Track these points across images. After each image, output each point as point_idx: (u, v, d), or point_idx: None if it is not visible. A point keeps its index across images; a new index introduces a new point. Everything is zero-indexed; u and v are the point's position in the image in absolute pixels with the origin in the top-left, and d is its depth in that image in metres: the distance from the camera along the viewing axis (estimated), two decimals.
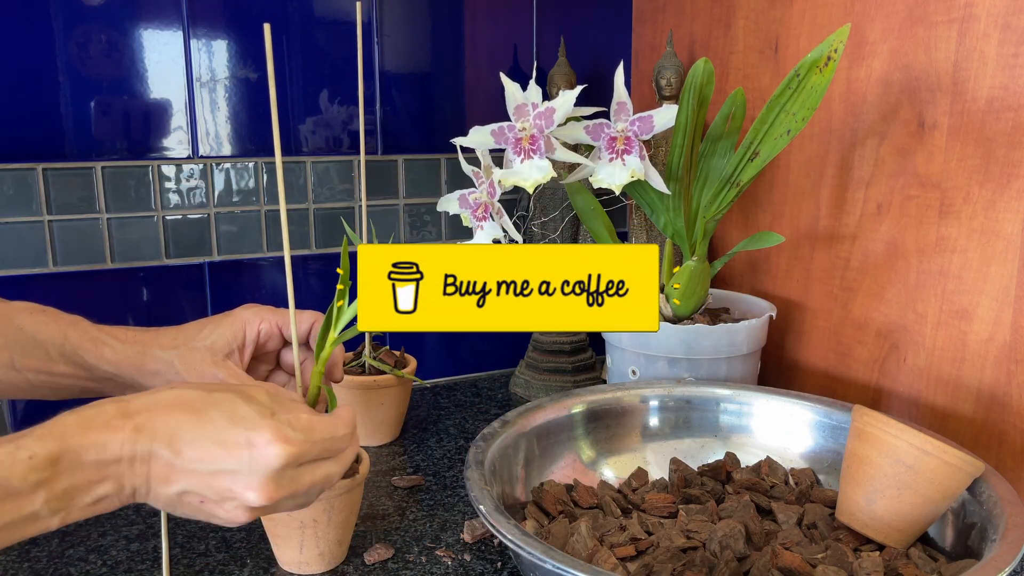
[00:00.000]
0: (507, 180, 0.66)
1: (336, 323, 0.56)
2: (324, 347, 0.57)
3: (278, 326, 0.62)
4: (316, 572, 0.61)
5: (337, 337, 0.57)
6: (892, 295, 0.77)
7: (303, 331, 0.61)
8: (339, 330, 0.57)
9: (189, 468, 0.45)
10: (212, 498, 0.45)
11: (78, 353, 0.58)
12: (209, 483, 0.45)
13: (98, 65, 0.84)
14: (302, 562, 0.60)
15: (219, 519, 0.47)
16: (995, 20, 0.65)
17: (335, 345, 0.57)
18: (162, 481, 0.45)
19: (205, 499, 0.45)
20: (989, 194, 0.67)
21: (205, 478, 0.45)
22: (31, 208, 0.83)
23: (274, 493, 0.46)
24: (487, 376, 1.07)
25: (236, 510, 0.46)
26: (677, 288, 0.77)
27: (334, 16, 0.92)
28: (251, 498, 0.45)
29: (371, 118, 0.96)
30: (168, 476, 0.44)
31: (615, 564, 0.53)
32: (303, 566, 0.60)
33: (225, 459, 0.45)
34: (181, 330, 0.60)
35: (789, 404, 0.71)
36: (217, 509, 0.46)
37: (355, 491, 0.60)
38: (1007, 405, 0.67)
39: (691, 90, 0.67)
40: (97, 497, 0.43)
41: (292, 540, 0.59)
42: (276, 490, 0.46)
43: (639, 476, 0.69)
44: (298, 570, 0.61)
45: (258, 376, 0.63)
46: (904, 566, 0.53)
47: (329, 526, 0.59)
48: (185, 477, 0.45)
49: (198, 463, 0.45)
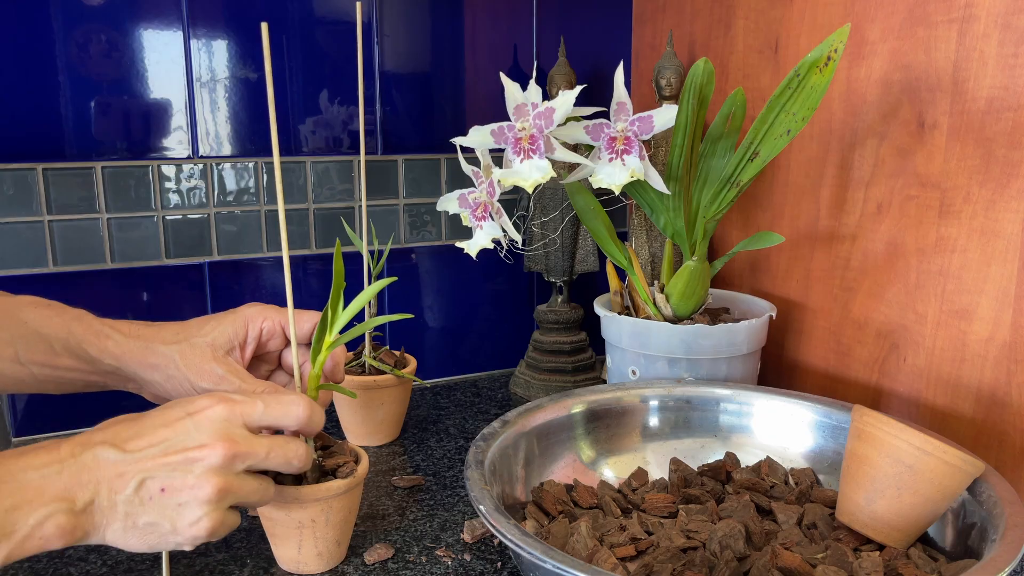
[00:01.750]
0: (507, 180, 0.66)
1: (331, 327, 0.56)
2: (320, 351, 0.57)
3: (281, 325, 0.62)
4: (315, 572, 0.61)
5: (333, 341, 0.57)
6: (892, 295, 0.77)
7: (305, 331, 0.61)
8: (334, 334, 0.56)
9: (139, 458, 0.44)
10: (172, 478, 0.44)
11: (82, 346, 0.58)
12: (163, 463, 0.44)
13: (98, 65, 0.84)
14: (300, 562, 0.60)
15: (185, 517, 0.45)
16: (995, 20, 0.65)
17: (331, 349, 0.57)
18: (115, 482, 0.43)
19: (166, 485, 0.44)
20: (989, 194, 0.67)
21: (158, 460, 0.44)
22: (31, 208, 0.83)
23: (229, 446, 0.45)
24: (487, 376, 1.07)
25: (200, 482, 0.44)
26: (676, 288, 0.77)
27: (334, 16, 0.92)
28: (208, 456, 0.45)
29: (371, 118, 0.96)
30: (120, 474, 0.44)
31: (615, 564, 0.53)
32: (301, 566, 0.60)
33: (172, 435, 0.45)
34: (184, 325, 0.60)
35: (789, 404, 0.71)
36: (181, 488, 0.44)
37: (354, 491, 0.60)
38: (1007, 405, 0.67)
39: (691, 90, 0.67)
40: (41, 518, 0.41)
41: (290, 540, 0.59)
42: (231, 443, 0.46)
43: (639, 476, 0.69)
44: (296, 570, 0.61)
45: (259, 376, 0.63)
46: (904, 566, 0.53)
47: (327, 526, 0.59)
48: (137, 467, 0.44)
49: (147, 450, 0.45)
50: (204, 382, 0.58)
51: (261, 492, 0.50)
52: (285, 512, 0.57)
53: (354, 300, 0.56)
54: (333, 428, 0.87)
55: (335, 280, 0.56)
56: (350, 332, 0.57)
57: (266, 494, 0.50)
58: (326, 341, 0.57)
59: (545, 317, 0.99)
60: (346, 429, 0.85)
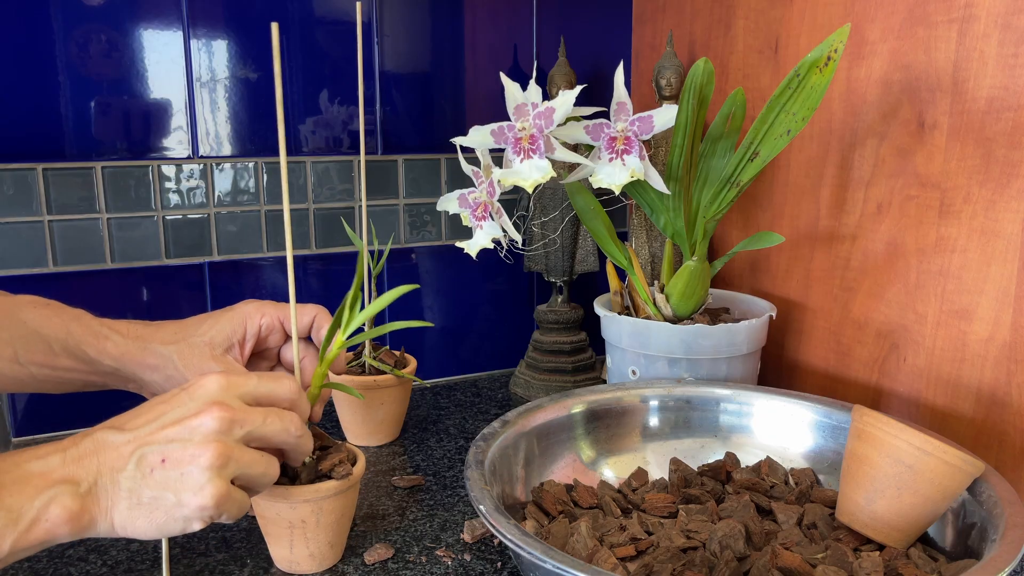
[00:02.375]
0: (507, 180, 0.66)
1: (346, 327, 0.56)
2: (331, 349, 0.57)
3: (280, 320, 0.62)
4: (308, 572, 0.61)
5: (345, 341, 0.57)
6: (892, 295, 0.77)
7: (304, 324, 0.61)
8: (347, 334, 0.57)
9: (138, 435, 0.45)
10: (171, 448, 0.44)
11: (81, 347, 0.58)
12: (161, 435, 0.45)
13: (98, 65, 0.84)
14: (293, 561, 0.60)
15: (188, 485, 0.44)
16: (995, 20, 0.65)
17: (342, 348, 0.57)
18: (116, 461, 0.44)
19: (166, 455, 0.44)
20: (989, 194, 0.67)
21: (156, 433, 0.45)
22: (31, 208, 0.83)
23: (225, 410, 0.46)
24: (487, 376, 1.07)
25: (200, 450, 0.44)
26: (676, 288, 0.77)
27: (334, 16, 0.92)
28: (205, 421, 0.45)
29: (371, 118, 0.96)
30: (120, 453, 0.44)
31: (615, 564, 0.53)
32: (294, 565, 0.60)
33: (168, 409, 0.46)
34: (182, 325, 0.60)
35: (789, 404, 0.71)
36: (181, 457, 0.44)
37: (347, 493, 0.59)
38: (1007, 405, 0.67)
39: (691, 90, 0.67)
40: (46, 500, 0.41)
41: (282, 539, 0.59)
42: (227, 408, 0.46)
43: (639, 476, 0.69)
44: (290, 569, 0.61)
45: None
46: (904, 566, 0.53)
47: (319, 528, 0.58)
48: (136, 443, 0.44)
49: (145, 425, 0.45)
50: None
51: (264, 464, 0.49)
52: (276, 511, 0.58)
53: (371, 303, 0.56)
54: (333, 428, 0.87)
55: (356, 280, 0.56)
56: (368, 332, 0.58)
57: (269, 468, 0.49)
58: (338, 340, 0.57)
59: (545, 317, 0.99)
60: (346, 429, 0.85)
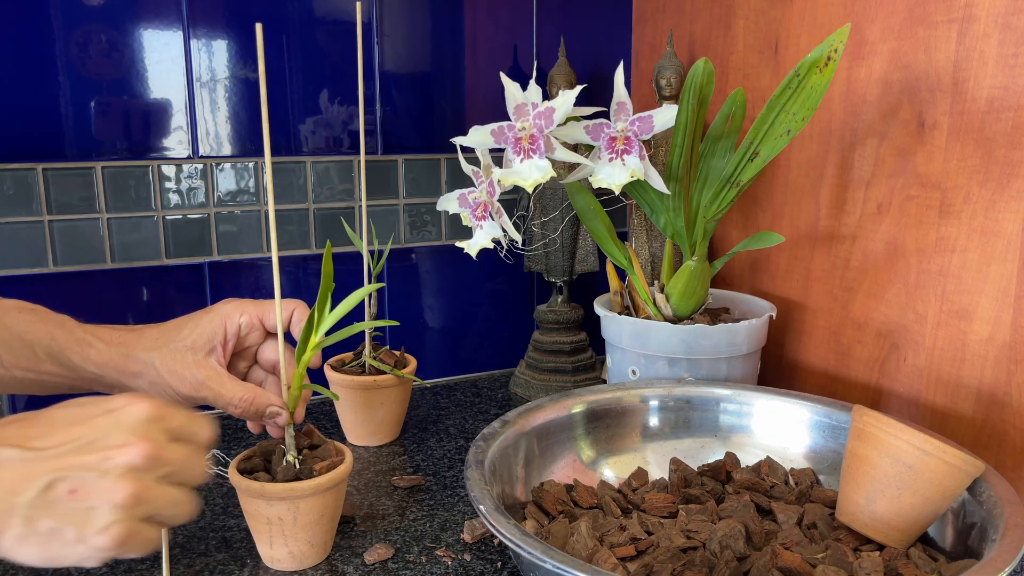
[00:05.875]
0: (507, 180, 0.66)
1: (317, 327, 0.56)
2: (305, 351, 0.57)
3: (259, 318, 0.61)
4: (288, 570, 0.61)
5: (319, 342, 0.57)
6: (892, 295, 0.77)
7: (284, 318, 0.61)
8: (320, 335, 0.57)
9: (48, 456, 0.39)
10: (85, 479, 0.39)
11: (64, 354, 0.57)
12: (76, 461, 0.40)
13: (98, 65, 0.84)
14: (274, 558, 0.61)
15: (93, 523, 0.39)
16: (995, 20, 0.65)
17: (317, 349, 0.57)
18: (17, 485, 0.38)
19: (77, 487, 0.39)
20: (989, 194, 0.67)
21: (70, 458, 0.40)
22: (31, 208, 0.83)
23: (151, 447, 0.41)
24: (487, 376, 1.07)
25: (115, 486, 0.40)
26: (676, 288, 0.77)
27: (334, 16, 0.92)
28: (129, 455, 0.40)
29: (371, 118, 0.96)
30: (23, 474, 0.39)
31: (615, 564, 0.53)
32: (276, 562, 0.61)
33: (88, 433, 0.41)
34: (164, 329, 0.60)
35: (789, 404, 0.71)
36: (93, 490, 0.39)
37: (326, 494, 0.58)
38: (1007, 405, 0.67)
39: (691, 90, 0.67)
40: None
41: (262, 536, 0.60)
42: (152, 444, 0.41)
43: (639, 476, 0.69)
44: (273, 565, 0.61)
45: (236, 374, 0.63)
46: (904, 566, 0.53)
47: (296, 526, 0.58)
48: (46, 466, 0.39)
49: (57, 448, 0.40)
50: (185, 388, 0.58)
51: (181, 505, 0.44)
52: (256, 507, 0.58)
53: (341, 303, 0.56)
54: (333, 428, 0.87)
55: (323, 282, 0.56)
56: (339, 333, 0.58)
57: (184, 508, 0.44)
58: (312, 341, 0.57)
59: (545, 317, 0.99)
60: (346, 429, 0.85)
